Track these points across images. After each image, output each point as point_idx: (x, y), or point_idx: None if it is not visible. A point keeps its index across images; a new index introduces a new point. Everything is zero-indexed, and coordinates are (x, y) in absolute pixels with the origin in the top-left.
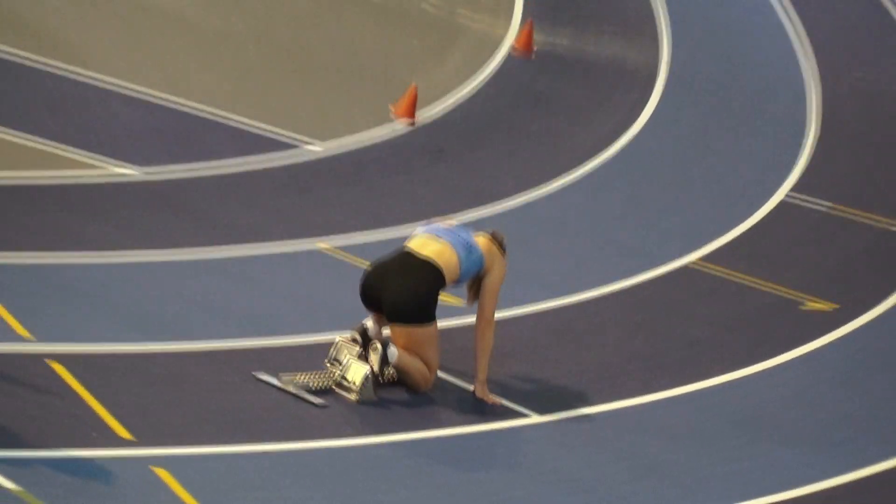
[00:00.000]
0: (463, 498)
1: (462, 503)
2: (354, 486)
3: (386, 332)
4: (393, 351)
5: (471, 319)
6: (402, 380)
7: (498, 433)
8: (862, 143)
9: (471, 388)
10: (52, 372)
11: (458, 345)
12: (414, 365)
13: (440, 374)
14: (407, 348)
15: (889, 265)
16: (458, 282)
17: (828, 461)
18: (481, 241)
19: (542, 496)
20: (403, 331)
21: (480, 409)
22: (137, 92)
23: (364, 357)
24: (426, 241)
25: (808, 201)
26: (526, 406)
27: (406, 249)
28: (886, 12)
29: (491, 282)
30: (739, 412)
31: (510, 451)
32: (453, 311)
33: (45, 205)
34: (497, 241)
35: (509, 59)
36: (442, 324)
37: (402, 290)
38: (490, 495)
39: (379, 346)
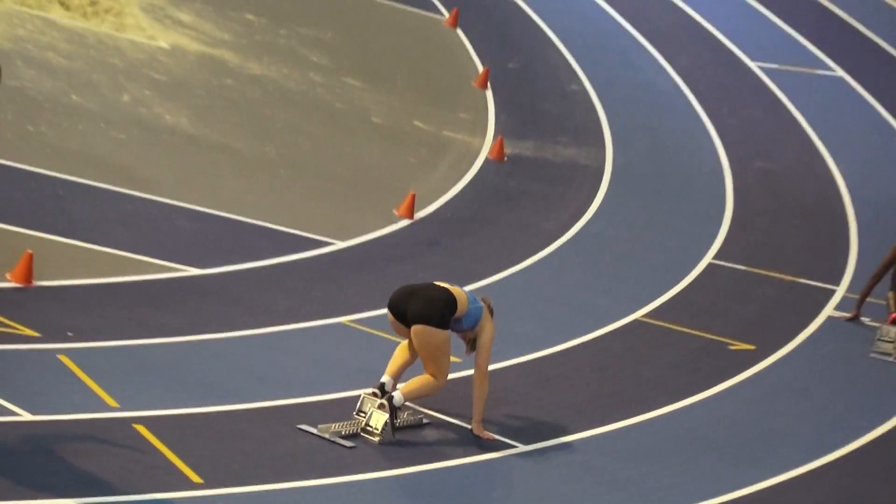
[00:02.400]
0: None
1: None
2: None
3: (399, 387)
4: (399, 397)
5: (469, 372)
6: (421, 398)
7: (493, 462)
8: (767, 218)
9: (469, 427)
10: (137, 433)
11: (459, 393)
12: (418, 388)
13: (447, 417)
14: (424, 351)
15: (795, 312)
16: (463, 318)
17: (754, 470)
18: (482, 303)
19: None
20: (422, 330)
21: (478, 444)
22: (193, 207)
23: (383, 407)
24: (444, 282)
25: (728, 265)
26: (514, 439)
27: (429, 283)
28: (783, 112)
29: (484, 340)
30: (683, 434)
31: (504, 476)
32: (455, 367)
33: (125, 300)
34: (487, 304)
35: (486, 164)
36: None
37: (425, 299)
38: None
39: (386, 402)
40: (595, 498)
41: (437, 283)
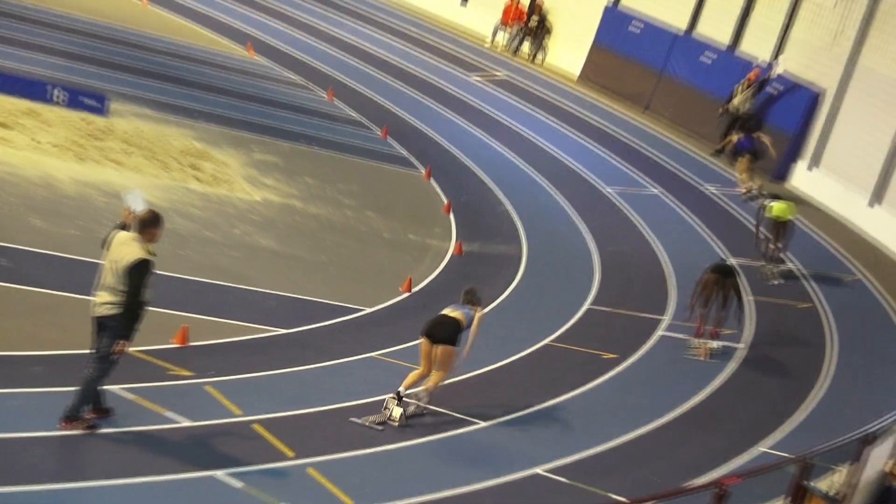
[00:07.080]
0: (456, 465)
1: (455, 466)
2: (405, 463)
3: (421, 387)
4: (406, 401)
5: (455, 379)
6: (436, 387)
7: (467, 433)
8: (620, 279)
9: (452, 413)
10: (254, 429)
11: (447, 395)
12: (435, 382)
13: (439, 409)
14: (441, 357)
15: (640, 333)
16: (466, 327)
17: (621, 429)
18: (472, 310)
19: (490, 460)
20: (442, 347)
21: (457, 423)
22: (279, 293)
23: (399, 405)
24: (451, 310)
25: (599, 308)
26: (477, 419)
27: (443, 313)
28: (626, 216)
29: (478, 317)
30: (577, 411)
31: (473, 442)
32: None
33: (242, 350)
34: (475, 305)
35: (452, 258)
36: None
37: (443, 328)
38: (467, 461)
39: (400, 402)
40: (530, 451)
41: (448, 312)
